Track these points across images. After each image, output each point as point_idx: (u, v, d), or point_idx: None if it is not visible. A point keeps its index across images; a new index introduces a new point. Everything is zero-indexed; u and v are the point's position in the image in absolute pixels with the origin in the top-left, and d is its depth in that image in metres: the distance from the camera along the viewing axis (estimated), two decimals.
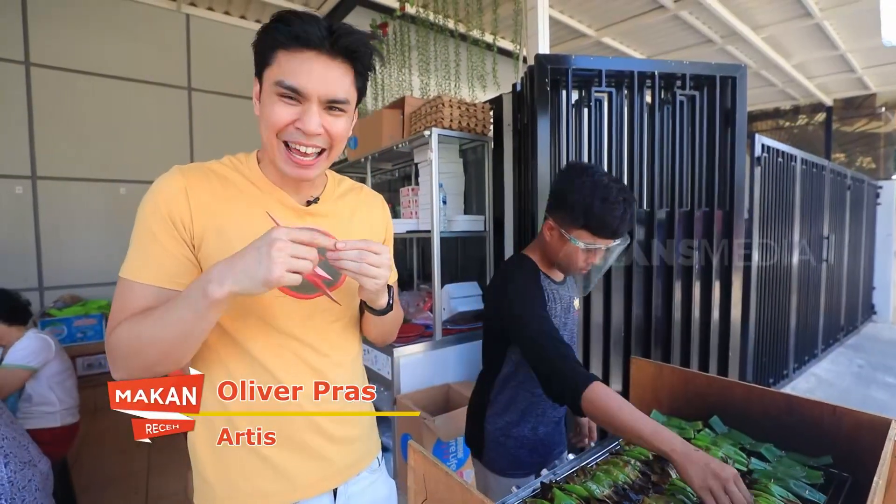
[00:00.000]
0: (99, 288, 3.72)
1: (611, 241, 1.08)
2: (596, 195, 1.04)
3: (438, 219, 2.12)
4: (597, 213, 1.04)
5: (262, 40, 0.67)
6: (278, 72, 0.65)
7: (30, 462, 1.48)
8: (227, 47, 4.27)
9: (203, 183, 0.69)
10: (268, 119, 0.66)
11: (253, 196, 0.73)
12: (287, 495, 0.74)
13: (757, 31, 4.51)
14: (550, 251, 1.17)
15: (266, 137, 0.69)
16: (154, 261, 0.66)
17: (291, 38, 0.63)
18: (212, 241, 0.68)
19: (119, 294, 0.66)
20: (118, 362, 0.65)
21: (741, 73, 2.02)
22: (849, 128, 6.74)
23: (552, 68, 1.88)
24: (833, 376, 4.06)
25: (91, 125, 3.69)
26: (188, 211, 0.67)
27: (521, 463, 1.23)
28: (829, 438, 0.94)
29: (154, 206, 0.67)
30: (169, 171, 0.70)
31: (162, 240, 0.66)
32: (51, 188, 3.55)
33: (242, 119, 4.37)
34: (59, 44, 3.52)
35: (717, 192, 2.06)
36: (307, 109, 0.66)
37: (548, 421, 1.25)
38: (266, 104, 0.67)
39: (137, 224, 0.67)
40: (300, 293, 0.74)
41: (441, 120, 2.10)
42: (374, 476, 0.87)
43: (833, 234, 4.42)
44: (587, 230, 1.06)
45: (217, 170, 0.73)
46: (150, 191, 0.69)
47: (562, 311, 1.22)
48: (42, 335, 1.96)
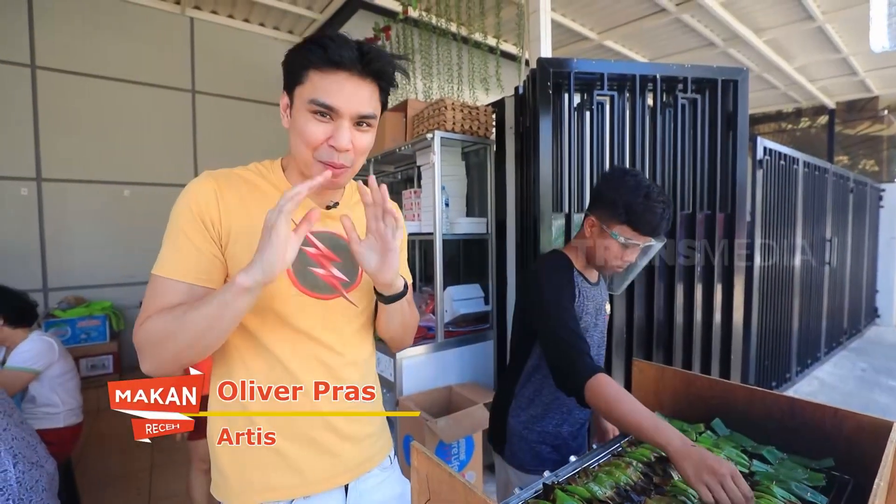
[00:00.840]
0: (103, 289, 3.75)
1: (649, 238, 1.12)
2: (639, 193, 1.09)
3: (441, 221, 2.13)
4: (639, 210, 1.09)
5: (294, 60, 0.71)
6: (312, 90, 0.69)
7: (37, 463, 1.48)
8: (231, 50, 4.30)
9: (232, 187, 0.74)
10: (302, 135, 0.71)
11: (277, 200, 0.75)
12: (299, 489, 0.76)
13: (759, 35, 4.52)
14: (589, 248, 1.21)
15: (300, 152, 0.73)
16: (186, 258, 0.70)
17: (326, 61, 0.68)
18: (238, 242, 0.72)
19: (151, 290, 0.70)
20: (147, 352, 0.68)
21: (743, 77, 2.03)
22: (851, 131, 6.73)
23: (554, 72, 1.89)
24: (836, 380, 4.04)
25: (95, 128, 3.72)
26: (217, 211, 0.72)
27: (543, 459, 1.22)
28: (830, 441, 0.95)
29: (186, 207, 0.71)
30: (200, 175, 0.75)
31: (193, 238, 0.70)
32: (55, 190, 3.58)
33: (246, 122, 4.40)
34: (65, 47, 3.56)
35: (718, 195, 2.07)
36: (339, 126, 0.71)
37: (574, 421, 1.25)
38: (299, 120, 0.71)
39: (170, 224, 0.71)
40: (319, 293, 0.77)
41: (443, 123, 2.11)
42: (385, 474, 0.89)
43: (836, 236, 4.41)
44: (629, 225, 1.11)
45: (245, 176, 0.77)
46: (183, 193, 0.73)
47: (594, 312, 1.24)
48: (46, 337, 1.96)
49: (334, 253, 0.79)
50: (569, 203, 2.00)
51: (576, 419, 1.26)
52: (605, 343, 1.33)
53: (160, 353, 0.67)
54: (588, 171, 2.03)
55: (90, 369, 3.40)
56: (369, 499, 0.84)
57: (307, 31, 4.53)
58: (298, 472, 0.76)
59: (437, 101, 2.17)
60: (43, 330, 3.14)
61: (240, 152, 4.34)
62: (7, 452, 1.36)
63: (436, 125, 2.13)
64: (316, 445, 0.78)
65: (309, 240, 0.77)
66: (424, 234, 2.28)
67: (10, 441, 1.40)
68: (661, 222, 1.10)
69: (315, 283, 0.77)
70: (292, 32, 4.63)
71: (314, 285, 0.77)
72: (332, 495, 0.80)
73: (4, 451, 1.35)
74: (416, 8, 3.15)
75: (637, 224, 1.10)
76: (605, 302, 1.31)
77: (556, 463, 1.21)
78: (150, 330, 0.67)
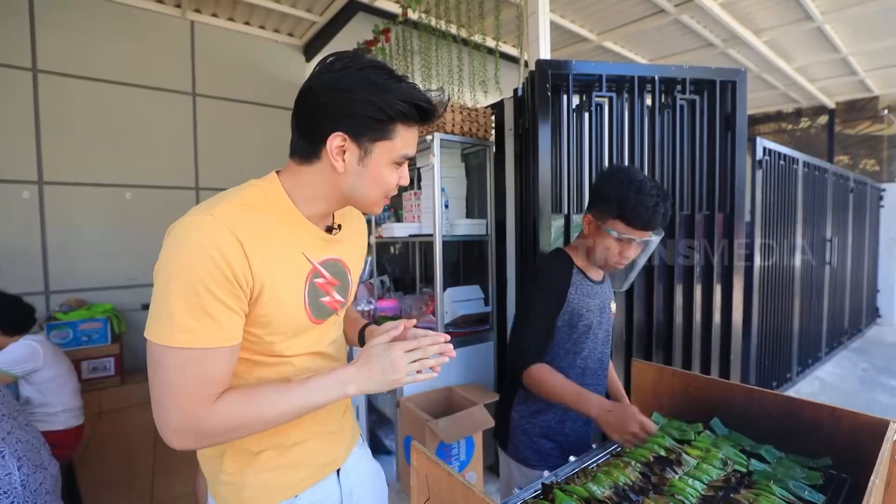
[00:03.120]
0: (104, 292, 3.76)
1: (643, 232, 1.13)
2: (631, 187, 1.11)
3: (440, 223, 2.14)
4: (630, 204, 1.10)
5: (374, 111, 0.68)
6: (403, 146, 0.73)
7: (41, 465, 1.48)
8: (232, 53, 4.32)
9: (251, 233, 0.66)
10: (385, 185, 0.75)
11: (288, 231, 0.74)
12: (308, 481, 0.83)
13: (758, 35, 4.52)
14: (589, 246, 1.23)
15: (372, 196, 0.76)
16: (224, 323, 0.64)
17: (417, 119, 0.73)
18: (266, 293, 0.68)
19: (191, 365, 0.62)
20: (223, 436, 0.66)
21: (741, 77, 2.04)
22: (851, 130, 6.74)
23: (553, 73, 1.90)
24: (837, 380, 4.04)
25: (97, 131, 3.73)
26: (248, 268, 0.65)
27: (545, 455, 1.24)
28: (828, 440, 0.95)
29: (210, 263, 0.61)
30: (203, 221, 0.63)
31: (226, 301, 0.63)
32: (57, 193, 3.59)
33: (246, 124, 4.42)
34: (66, 50, 3.57)
35: (717, 195, 2.07)
36: (404, 169, 0.78)
37: (576, 417, 1.26)
38: (383, 172, 0.74)
39: (181, 283, 0.61)
40: (324, 319, 0.82)
41: (443, 124, 2.12)
42: (361, 451, 0.98)
43: (836, 236, 4.41)
44: (621, 220, 1.13)
45: (253, 203, 0.70)
46: (195, 244, 0.61)
47: (597, 309, 1.25)
48: (31, 342, 1.93)
49: (336, 278, 0.83)
50: (568, 204, 2.01)
51: (579, 415, 1.26)
52: (609, 341, 1.33)
53: (231, 437, 0.68)
54: (587, 172, 2.03)
55: (91, 371, 3.40)
56: (354, 475, 0.92)
57: (307, 34, 4.55)
58: (308, 466, 0.83)
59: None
60: (46, 332, 3.17)
61: (240, 155, 4.36)
62: (11, 455, 1.36)
63: (435, 127, 2.14)
64: (318, 439, 0.85)
65: (319, 272, 0.78)
66: (424, 236, 2.29)
67: (14, 444, 1.40)
68: (654, 216, 1.11)
69: (322, 311, 0.80)
70: (293, 35, 4.65)
71: (321, 313, 0.80)
72: (331, 478, 0.88)
73: (9, 454, 1.36)
74: (415, 10, 3.16)
75: (629, 218, 1.11)
76: (611, 300, 1.32)
77: (558, 459, 1.23)
78: (229, 416, 0.65)
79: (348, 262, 0.86)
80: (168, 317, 0.61)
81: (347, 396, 0.73)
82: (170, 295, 0.61)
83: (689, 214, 2.07)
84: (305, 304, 0.76)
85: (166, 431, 0.64)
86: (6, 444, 1.37)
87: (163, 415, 0.64)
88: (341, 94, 0.67)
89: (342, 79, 0.67)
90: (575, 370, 1.25)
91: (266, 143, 4.45)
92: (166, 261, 0.62)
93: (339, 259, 0.84)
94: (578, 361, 1.25)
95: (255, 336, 0.71)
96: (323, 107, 0.68)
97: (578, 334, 1.23)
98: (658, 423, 1.16)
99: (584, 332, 1.24)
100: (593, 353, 1.27)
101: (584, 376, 1.26)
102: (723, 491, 0.87)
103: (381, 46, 3.62)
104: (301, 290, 0.75)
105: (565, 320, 1.22)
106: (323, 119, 0.68)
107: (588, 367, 1.26)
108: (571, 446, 1.25)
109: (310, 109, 0.70)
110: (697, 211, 2.07)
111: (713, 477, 0.92)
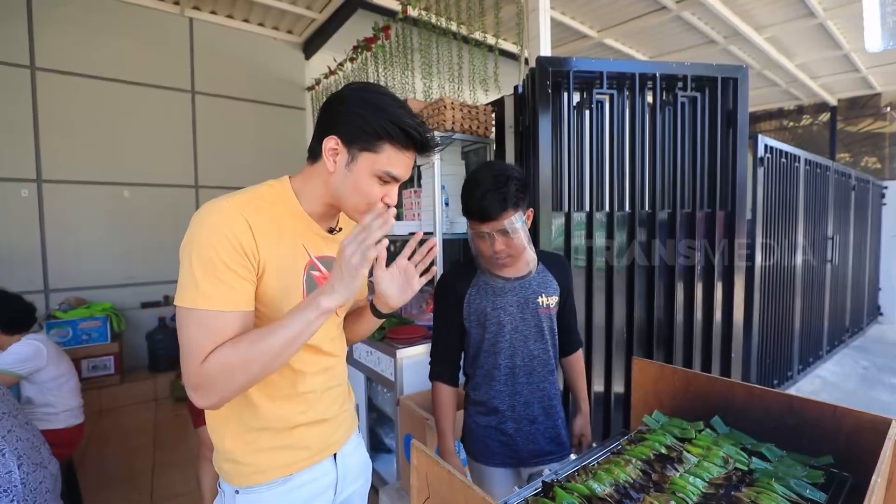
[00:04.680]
0: (104, 290, 3.76)
1: (485, 223, 1.12)
2: (469, 182, 1.14)
3: (441, 220, 2.13)
4: (466, 198, 1.14)
5: (370, 126, 0.77)
6: (387, 163, 0.79)
7: (41, 463, 1.49)
8: (231, 50, 4.31)
9: (259, 218, 0.77)
10: (366, 195, 0.81)
11: (293, 226, 0.84)
12: (305, 462, 0.88)
13: (759, 32, 4.50)
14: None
15: (353, 203, 0.82)
16: (234, 288, 0.73)
17: (408, 146, 0.80)
18: (269, 271, 0.78)
19: (200, 325, 0.70)
20: (217, 385, 0.70)
21: (742, 74, 2.03)
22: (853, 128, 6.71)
23: (553, 70, 1.89)
24: (838, 378, 4.03)
25: (95, 129, 3.73)
26: (254, 243, 0.75)
27: (492, 452, 1.26)
28: (829, 438, 0.95)
29: (223, 238, 0.72)
30: (219, 206, 0.75)
31: (236, 269, 0.73)
32: (56, 191, 3.59)
33: (245, 122, 4.41)
34: (64, 48, 3.56)
35: (718, 193, 2.06)
36: (393, 188, 0.84)
37: (520, 419, 1.25)
38: (364, 181, 0.80)
39: (200, 256, 0.71)
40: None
41: (443, 122, 2.11)
42: (357, 440, 1.04)
43: (838, 234, 4.39)
44: (468, 216, 1.16)
45: (264, 197, 0.81)
46: (210, 225, 0.73)
47: (513, 306, 1.22)
48: (34, 342, 1.93)
49: None
50: (568, 202, 2.00)
51: (521, 416, 1.25)
52: (547, 337, 1.26)
53: (232, 384, 0.71)
54: (588, 169, 2.03)
55: (91, 370, 3.41)
56: (350, 461, 0.98)
57: (307, 31, 4.53)
58: (306, 448, 0.88)
59: (436, 101, 2.17)
60: (45, 331, 3.17)
61: (240, 153, 4.35)
62: (12, 454, 1.37)
63: (435, 125, 2.13)
64: (318, 424, 0.90)
65: (316, 265, 0.86)
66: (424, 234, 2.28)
67: (14, 442, 1.40)
68: (482, 203, 1.09)
69: None
70: (292, 32, 4.63)
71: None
72: (328, 461, 0.93)
73: (9, 453, 1.36)
74: (415, 7, 3.15)
75: (468, 212, 1.14)
76: (541, 294, 1.25)
77: (508, 459, 1.25)
78: (219, 363, 0.69)
79: None
80: (193, 285, 0.71)
81: (323, 310, 0.73)
82: (194, 268, 0.71)
83: (690, 212, 2.06)
84: (304, 293, 0.83)
85: (189, 390, 0.71)
86: (6, 443, 1.37)
87: (184, 374, 0.71)
88: (346, 106, 0.79)
89: (354, 95, 0.80)
90: (501, 371, 1.23)
91: (266, 140, 4.44)
92: (191, 239, 0.73)
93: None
94: (502, 361, 1.23)
95: (261, 313, 0.79)
96: (331, 114, 0.81)
97: (492, 334, 1.23)
98: (659, 421, 1.16)
99: (497, 332, 1.22)
100: (519, 352, 1.23)
101: (515, 376, 1.24)
102: (724, 489, 0.86)
103: (381, 44, 3.61)
104: (300, 277, 0.83)
105: (472, 321, 1.24)
106: (327, 124, 0.81)
107: (517, 366, 1.23)
108: (518, 448, 1.25)
109: (323, 115, 0.83)
110: (699, 209, 2.06)
111: (714, 475, 0.91)
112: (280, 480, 0.85)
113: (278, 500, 0.85)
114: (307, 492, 0.88)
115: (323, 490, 0.92)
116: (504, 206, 1.10)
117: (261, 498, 0.84)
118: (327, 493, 0.93)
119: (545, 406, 1.26)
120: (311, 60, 4.71)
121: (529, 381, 1.25)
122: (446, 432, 1.24)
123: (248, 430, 0.83)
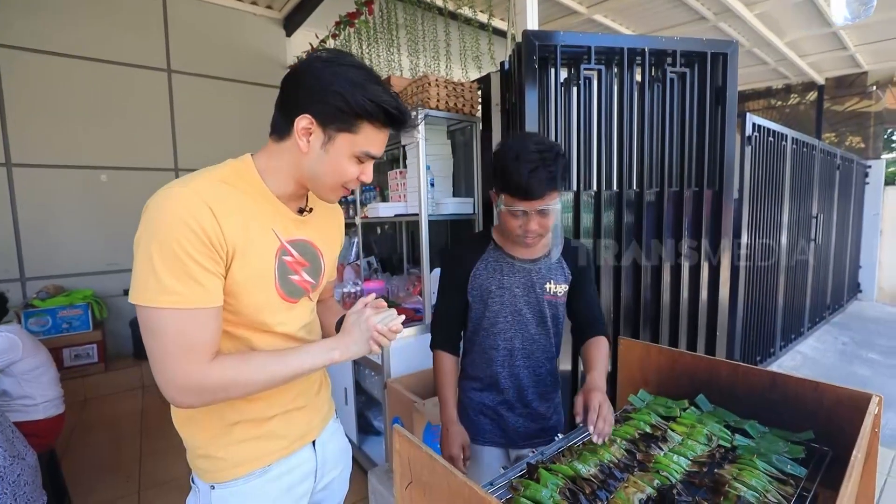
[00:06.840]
0: (85, 277, 3.66)
1: (527, 202, 1.03)
2: (510, 156, 1.03)
3: (426, 202, 2.09)
4: (508, 174, 1.02)
5: (349, 106, 0.72)
6: (365, 143, 0.76)
7: (17, 456, 1.46)
8: (207, 27, 4.13)
9: (224, 205, 0.71)
10: (341, 174, 0.78)
11: (259, 209, 0.78)
12: (283, 451, 0.86)
13: (750, 8, 4.44)
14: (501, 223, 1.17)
15: (328, 182, 0.79)
16: (205, 285, 0.68)
17: (387, 125, 0.78)
18: (237, 260, 0.73)
19: (177, 326, 0.66)
20: (217, 394, 0.71)
21: (732, 49, 1.99)
22: (840, 107, 6.74)
23: (540, 45, 1.83)
24: (818, 354, 4.14)
25: (68, 110, 3.57)
26: (221, 233, 0.69)
27: (483, 431, 1.25)
28: (811, 414, 0.95)
29: (187, 230, 0.65)
30: (178, 191, 0.67)
31: (204, 263, 0.68)
32: (27, 176, 3.45)
33: (225, 101, 4.26)
34: (31, 24, 3.38)
35: (707, 172, 2.05)
36: (369, 166, 0.82)
37: (513, 401, 1.24)
38: (340, 161, 0.76)
39: (164, 250, 0.64)
40: (294, 298, 0.84)
41: (428, 100, 2.05)
42: (336, 426, 1.03)
43: (822, 213, 4.45)
44: (506, 192, 1.07)
45: (226, 180, 0.75)
46: (169, 214, 0.65)
47: (519, 288, 1.18)
48: (8, 334, 1.86)
49: (305, 259, 0.85)
50: None
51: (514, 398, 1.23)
52: (552, 325, 1.23)
53: (225, 395, 0.72)
54: (575, 147, 1.99)
55: (74, 359, 3.35)
56: (329, 448, 0.97)
57: (287, 6, 4.35)
58: (283, 437, 0.86)
59: (420, 78, 2.10)
60: (24, 320, 3.09)
61: (220, 133, 4.21)
62: None
63: (420, 102, 2.07)
64: (295, 412, 0.88)
65: (287, 250, 0.81)
66: (410, 216, 2.24)
67: None
68: (531, 182, 1.00)
69: (292, 288, 0.83)
70: (271, 8, 4.45)
71: (291, 291, 0.83)
72: (306, 449, 0.91)
73: None
74: None
75: (511, 189, 1.04)
76: (548, 281, 1.20)
77: (499, 438, 1.25)
78: (222, 376, 0.70)
79: (320, 245, 0.89)
80: (155, 281, 0.65)
81: (333, 361, 0.79)
82: (154, 261, 0.65)
83: (677, 191, 2.05)
84: (276, 279, 0.79)
85: (170, 390, 0.68)
86: None
87: (164, 374, 0.67)
88: (319, 82, 0.72)
89: (324, 69, 0.73)
90: (500, 351, 1.21)
91: (246, 120, 4.30)
92: (148, 231, 0.66)
93: (308, 241, 0.86)
94: (501, 342, 1.21)
95: (230, 306, 0.74)
96: (301, 89, 0.74)
97: (493, 313, 1.20)
98: (644, 399, 1.16)
99: (498, 311, 1.20)
100: (519, 334, 1.21)
101: (513, 357, 1.21)
102: (707, 466, 0.87)
103: (363, 19, 3.48)
104: (271, 264, 0.78)
105: (476, 296, 1.22)
106: (298, 100, 0.74)
107: (515, 348, 1.21)
108: (509, 429, 1.24)
109: (290, 90, 0.75)
110: (686, 187, 2.04)
111: (698, 453, 0.91)
112: (258, 472, 0.82)
113: (257, 491, 0.82)
114: (287, 481, 0.86)
115: (303, 478, 0.90)
116: (552, 186, 1.02)
117: (239, 491, 0.81)
118: (307, 480, 0.91)
119: (540, 391, 1.25)
120: (293, 37, 4.53)
121: (527, 365, 1.23)
122: (448, 400, 1.24)
123: (223, 424, 0.80)
